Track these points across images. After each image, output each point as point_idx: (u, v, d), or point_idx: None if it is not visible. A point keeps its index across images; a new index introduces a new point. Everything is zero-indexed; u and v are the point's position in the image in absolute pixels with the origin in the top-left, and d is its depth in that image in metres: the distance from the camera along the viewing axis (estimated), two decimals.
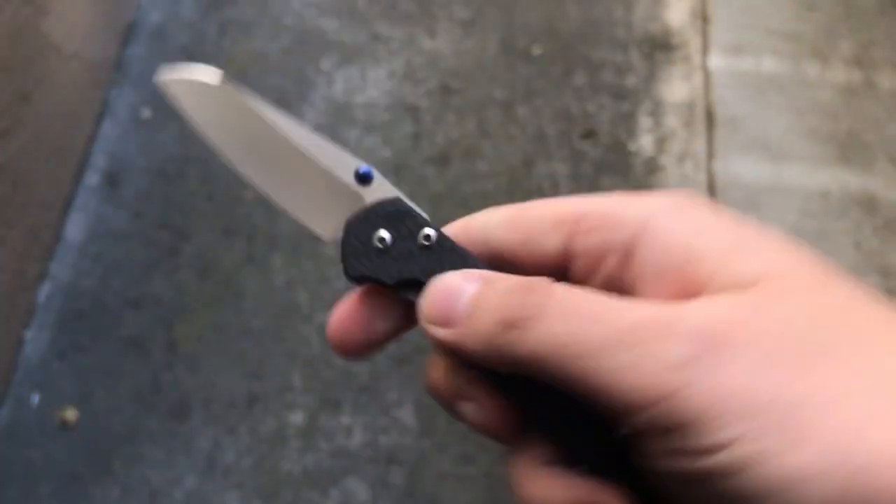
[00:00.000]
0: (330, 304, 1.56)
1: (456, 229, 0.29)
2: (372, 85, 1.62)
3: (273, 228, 1.46)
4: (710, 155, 1.58)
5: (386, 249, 0.29)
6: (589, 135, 1.58)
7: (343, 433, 1.29)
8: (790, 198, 1.53)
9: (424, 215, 0.29)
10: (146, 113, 1.58)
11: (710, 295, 0.22)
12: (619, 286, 0.25)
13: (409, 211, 0.29)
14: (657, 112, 1.61)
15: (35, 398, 1.30)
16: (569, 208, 0.26)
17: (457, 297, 0.26)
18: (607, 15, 1.72)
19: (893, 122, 1.62)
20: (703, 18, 1.73)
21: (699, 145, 1.58)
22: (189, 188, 1.50)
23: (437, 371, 0.30)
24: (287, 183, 0.31)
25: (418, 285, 0.28)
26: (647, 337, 0.21)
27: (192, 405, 1.30)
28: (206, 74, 0.33)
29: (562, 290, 0.23)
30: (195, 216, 1.47)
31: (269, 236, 1.45)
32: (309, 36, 1.67)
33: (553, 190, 1.51)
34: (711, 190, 1.54)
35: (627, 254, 0.25)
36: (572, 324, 0.22)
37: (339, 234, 0.31)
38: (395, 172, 1.52)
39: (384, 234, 0.29)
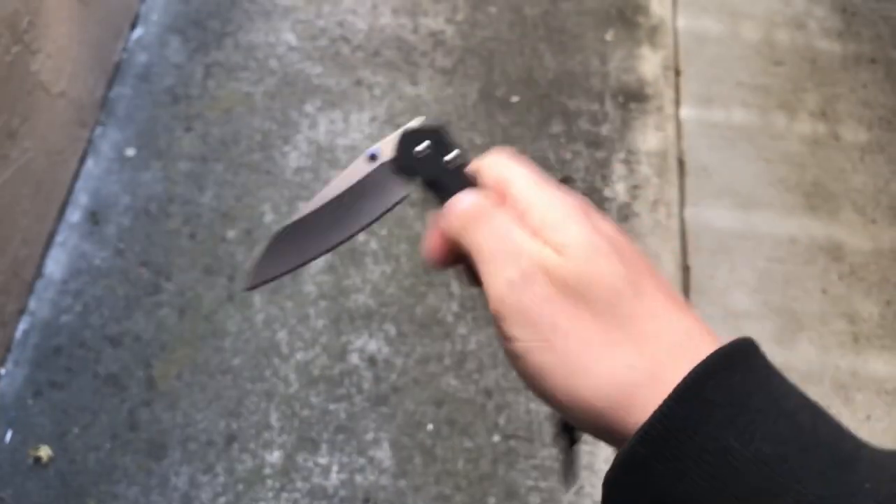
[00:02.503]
0: (309, 344, 1.57)
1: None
2: (355, 129, 1.66)
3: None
4: (682, 202, 1.62)
5: (426, 156, 0.41)
6: (565, 181, 1.62)
7: (320, 473, 1.30)
8: (759, 244, 1.58)
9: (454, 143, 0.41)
10: (130, 152, 1.60)
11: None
12: None
13: (443, 137, 0.41)
14: (631, 160, 1.66)
15: (8, 435, 1.29)
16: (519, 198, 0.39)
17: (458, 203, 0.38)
18: (583, 66, 1.78)
19: (858, 172, 1.68)
20: (675, 71, 1.80)
21: (671, 193, 1.63)
22: (171, 227, 1.51)
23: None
24: (354, 217, 0.42)
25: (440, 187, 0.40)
26: (505, 259, 0.34)
27: (169, 443, 1.30)
28: (262, 247, 0.44)
29: (498, 210, 0.36)
30: (176, 254, 1.48)
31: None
32: (293, 80, 1.71)
33: None
34: (683, 235, 1.58)
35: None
36: (481, 238, 0.36)
37: (394, 152, 0.41)
38: None
39: (425, 144, 0.41)
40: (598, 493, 1.30)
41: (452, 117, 1.69)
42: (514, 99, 1.72)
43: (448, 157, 0.40)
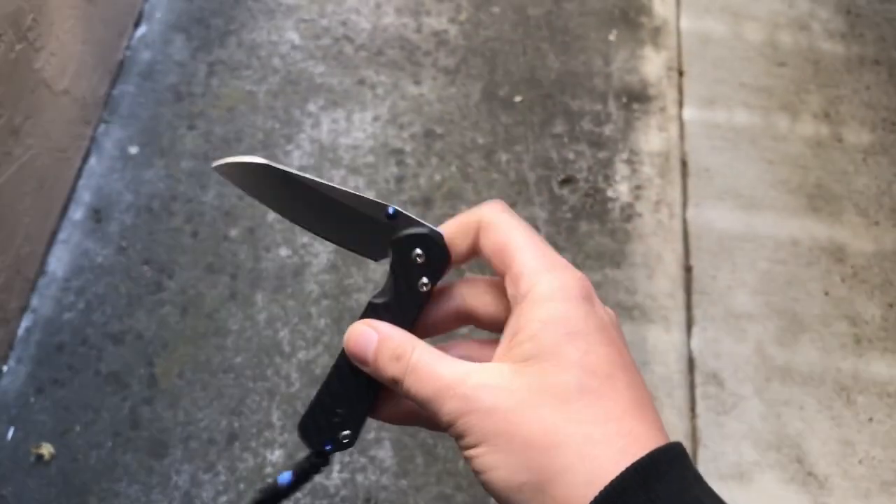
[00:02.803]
0: (311, 343, 1.58)
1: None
2: (357, 128, 1.66)
3: (257, 266, 1.47)
4: (685, 203, 1.62)
5: (415, 263, 0.41)
6: (568, 181, 1.62)
7: (321, 472, 1.29)
8: (761, 245, 1.58)
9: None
10: (133, 150, 1.60)
11: (497, 360, 0.38)
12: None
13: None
14: (634, 161, 1.66)
15: (10, 432, 1.29)
16: (471, 219, 0.41)
17: (364, 349, 0.40)
18: (586, 66, 1.78)
19: (860, 174, 1.68)
20: (678, 72, 1.80)
21: (674, 193, 1.63)
22: (174, 224, 1.51)
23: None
24: (332, 226, 0.43)
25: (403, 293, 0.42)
26: (446, 393, 0.37)
27: (170, 442, 1.30)
28: (252, 158, 0.45)
29: (415, 357, 0.38)
30: (179, 252, 1.48)
31: (252, 274, 1.47)
32: (296, 78, 1.71)
33: None
34: (685, 236, 1.58)
35: (515, 305, 0.39)
36: (417, 384, 0.38)
37: (389, 254, 0.42)
38: None
39: (419, 251, 0.41)
40: None
41: (455, 117, 1.69)
42: (517, 99, 1.72)
43: (425, 282, 0.41)
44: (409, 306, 0.41)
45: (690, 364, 1.44)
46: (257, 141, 1.62)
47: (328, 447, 0.42)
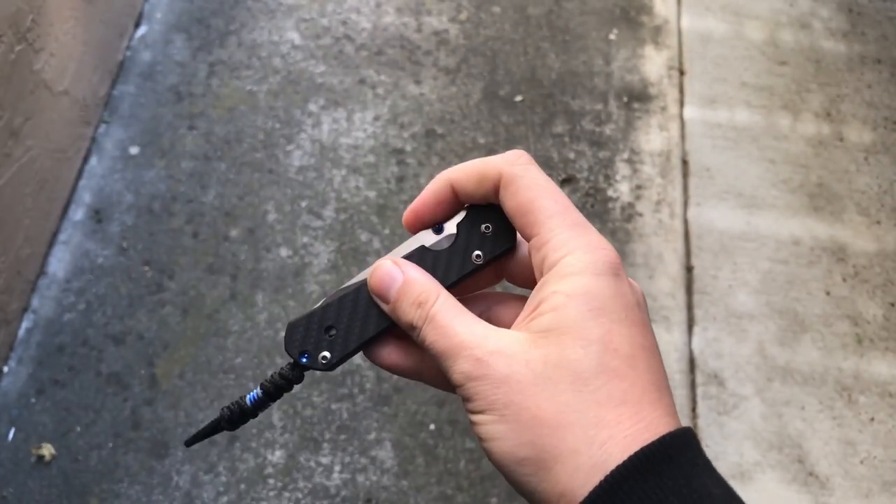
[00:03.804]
0: None
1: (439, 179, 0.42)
2: (358, 128, 1.66)
3: (257, 266, 1.47)
4: (686, 202, 1.62)
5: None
6: (568, 181, 1.62)
7: (322, 472, 1.30)
8: (762, 245, 1.58)
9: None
10: (134, 150, 1.60)
11: (516, 328, 0.37)
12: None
13: None
14: (634, 160, 1.66)
15: (11, 433, 1.29)
16: (490, 169, 0.39)
17: (388, 287, 0.39)
18: (587, 66, 1.78)
19: (862, 174, 1.68)
20: (679, 71, 1.79)
21: (675, 193, 1.62)
22: (174, 225, 1.51)
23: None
24: None
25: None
26: (460, 352, 0.36)
27: (171, 442, 1.30)
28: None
29: (436, 308, 0.38)
30: (180, 253, 1.48)
31: (252, 274, 1.46)
32: (297, 78, 1.71)
33: None
34: (686, 236, 1.58)
35: (542, 275, 0.38)
36: (434, 335, 0.37)
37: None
38: (379, 213, 1.54)
39: (489, 226, 0.41)
40: None
41: (456, 116, 1.68)
42: (518, 98, 1.72)
43: (479, 254, 0.41)
44: (454, 268, 0.40)
45: (691, 364, 1.44)
46: (258, 141, 1.62)
47: (304, 359, 0.41)
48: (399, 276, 0.39)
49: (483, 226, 0.40)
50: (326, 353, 0.40)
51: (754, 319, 1.49)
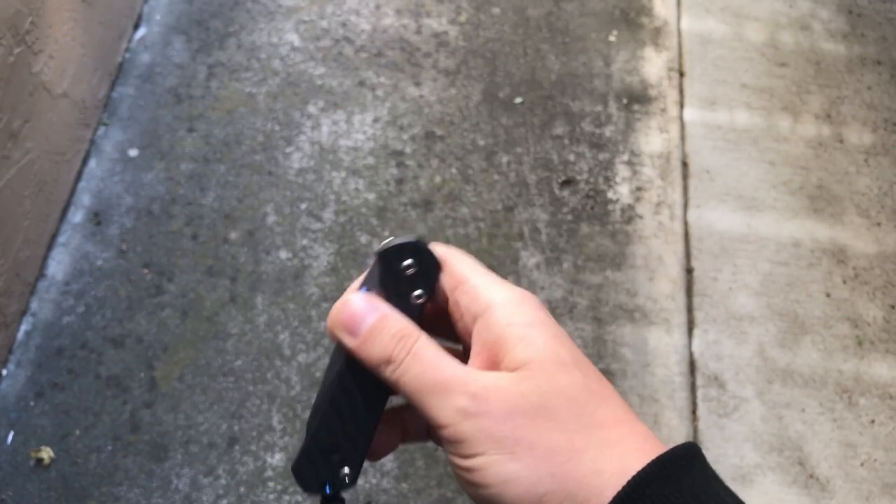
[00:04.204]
0: (311, 346, 1.57)
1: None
2: (357, 130, 1.65)
3: (256, 269, 1.47)
4: (686, 204, 1.62)
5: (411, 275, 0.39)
6: (568, 183, 1.62)
7: None
8: (763, 247, 1.58)
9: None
10: (133, 152, 1.59)
11: (500, 370, 0.36)
12: (467, 335, 0.38)
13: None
14: (634, 162, 1.66)
15: (10, 436, 1.29)
16: (459, 272, 0.39)
17: (361, 320, 0.37)
18: (587, 67, 1.78)
19: (862, 175, 1.68)
20: (679, 72, 1.79)
21: (675, 195, 1.62)
22: (174, 227, 1.51)
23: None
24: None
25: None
26: (452, 388, 0.35)
27: (170, 445, 1.30)
28: None
29: (420, 344, 0.36)
30: (179, 255, 1.48)
31: (252, 277, 1.46)
32: (296, 80, 1.71)
33: (533, 235, 1.54)
34: (686, 238, 1.57)
35: (475, 318, 0.38)
36: (418, 369, 0.36)
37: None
38: (379, 216, 1.54)
39: (409, 262, 0.39)
40: None
41: (455, 118, 1.68)
42: (518, 100, 1.72)
43: (419, 293, 0.39)
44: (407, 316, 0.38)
45: (692, 366, 1.43)
46: (257, 143, 1.62)
47: (329, 489, 0.39)
48: (374, 311, 0.37)
49: (403, 265, 0.39)
50: (345, 470, 0.39)
51: (754, 321, 1.49)
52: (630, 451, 0.33)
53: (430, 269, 0.39)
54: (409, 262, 0.38)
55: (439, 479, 1.30)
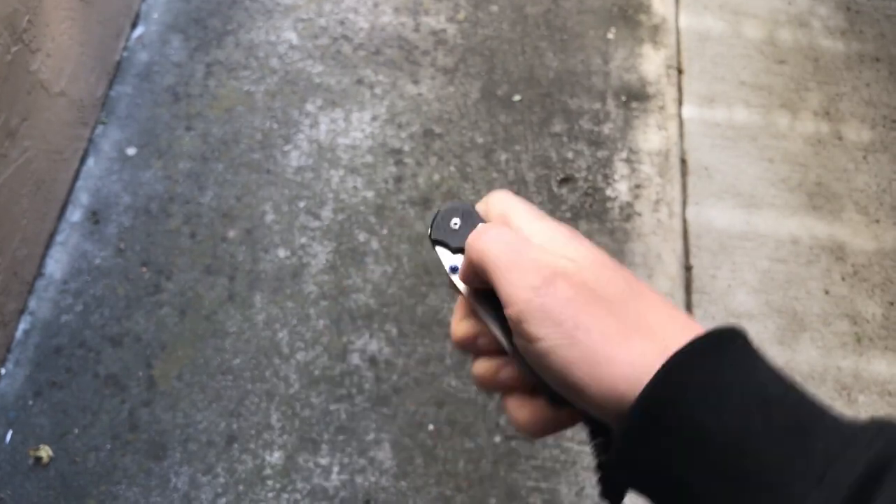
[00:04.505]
0: (310, 344, 1.56)
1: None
2: (356, 128, 1.65)
3: (255, 267, 1.47)
4: (684, 202, 1.62)
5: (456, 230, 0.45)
6: (567, 180, 1.62)
7: (321, 473, 1.29)
8: (761, 244, 1.57)
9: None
10: (131, 151, 1.59)
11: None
12: None
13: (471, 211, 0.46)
14: (633, 159, 1.65)
15: (8, 435, 1.29)
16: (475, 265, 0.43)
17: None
18: (585, 65, 1.78)
19: (861, 172, 1.68)
20: (677, 70, 1.79)
21: (673, 192, 1.62)
22: (171, 226, 1.51)
23: (460, 325, 0.45)
24: None
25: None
26: (525, 267, 0.38)
27: (169, 444, 1.30)
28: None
29: (503, 233, 0.41)
30: (177, 254, 1.48)
31: (250, 275, 1.46)
32: (294, 78, 1.71)
33: None
34: (685, 235, 1.57)
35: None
36: (498, 252, 0.40)
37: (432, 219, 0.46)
38: (377, 214, 1.54)
39: (456, 220, 0.45)
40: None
41: (454, 116, 1.68)
42: (516, 98, 1.72)
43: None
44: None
45: None
46: (255, 142, 1.61)
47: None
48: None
49: (450, 223, 0.45)
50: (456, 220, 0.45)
51: (753, 319, 1.48)
52: (671, 335, 0.36)
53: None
54: (456, 220, 0.45)
55: (438, 477, 1.30)
